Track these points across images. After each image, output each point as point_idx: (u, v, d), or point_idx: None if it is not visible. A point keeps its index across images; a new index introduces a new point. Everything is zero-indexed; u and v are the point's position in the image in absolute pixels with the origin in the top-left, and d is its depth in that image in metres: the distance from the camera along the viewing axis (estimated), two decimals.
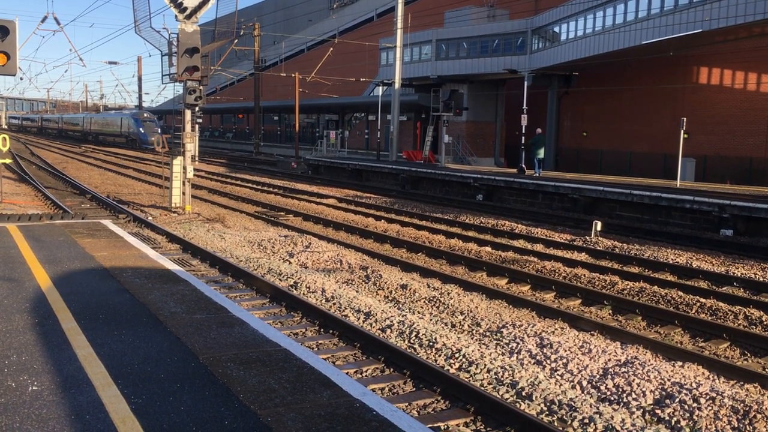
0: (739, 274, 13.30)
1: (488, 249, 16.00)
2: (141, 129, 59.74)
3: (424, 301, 10.73)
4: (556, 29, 36.25)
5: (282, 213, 21.75)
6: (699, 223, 19.62)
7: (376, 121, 45.59)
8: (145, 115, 62.75)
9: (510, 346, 8.44)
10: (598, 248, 15.95)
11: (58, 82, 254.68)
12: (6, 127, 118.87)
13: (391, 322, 9.04)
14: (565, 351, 8.14)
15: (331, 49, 47.20)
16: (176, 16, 18.56)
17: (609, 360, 7.89)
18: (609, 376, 7.37)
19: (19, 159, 38.35)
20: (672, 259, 14.77)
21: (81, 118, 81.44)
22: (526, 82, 33.81)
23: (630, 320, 10.47)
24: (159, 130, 58.86)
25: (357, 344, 8.03)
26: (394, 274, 12.36)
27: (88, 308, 7.42)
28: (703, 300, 11.20)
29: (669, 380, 7.17)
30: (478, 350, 7.96)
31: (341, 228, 18.78)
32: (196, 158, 21.13)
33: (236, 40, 45.84)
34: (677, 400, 6.69)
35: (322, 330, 8.73)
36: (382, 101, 43.59)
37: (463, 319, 9.78)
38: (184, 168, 19.78)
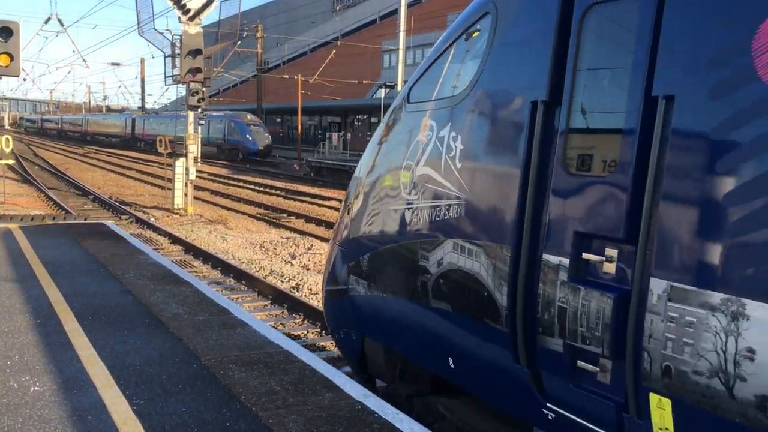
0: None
1: None
2: (248, 136, 48.20)
3: None
4: None
5: (284, 215, 21.76)
6: None
7: (379, 124, 45.58)
8: (249, 117, 50.28)
9: None
10: None
11: (61, 83, 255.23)
12: (23, 129, 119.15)
13: None
14: None
15: (334, 51, 47.26)
16: (179, 18, 18.62)
17: None
18: None
19: (21, 160, 38.42)
20: None
21: (123, 119, 69.43)
22: None
23: None
24: (268, 136, 49.84)
25: None
26: None
27: (90, 309, 7.42)
28: None
29: None
30: None
31: None
32: (199, 160, 21.16)
33: (239, 42, 45.96)
34: None
35: (323, 332, 8.72)
36: (384, 103, 43.59)
37: None
38: (187, 169, 19.82)
